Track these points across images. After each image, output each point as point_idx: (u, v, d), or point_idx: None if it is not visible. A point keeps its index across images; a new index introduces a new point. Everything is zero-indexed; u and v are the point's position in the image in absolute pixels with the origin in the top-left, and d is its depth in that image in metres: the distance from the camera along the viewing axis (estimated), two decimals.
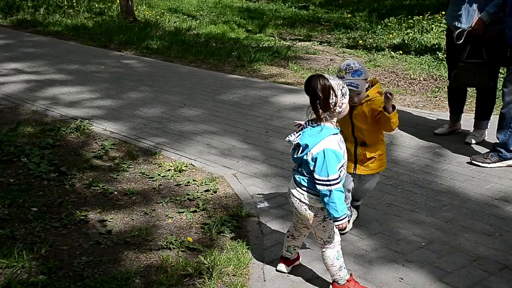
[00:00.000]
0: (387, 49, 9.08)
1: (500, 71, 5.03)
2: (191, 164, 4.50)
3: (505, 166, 4.41)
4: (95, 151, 4.72)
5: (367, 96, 3.19)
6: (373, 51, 9.06)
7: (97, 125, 5.43)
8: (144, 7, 13.11)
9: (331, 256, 2.77)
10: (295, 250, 2.98)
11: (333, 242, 2.77)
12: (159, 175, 4.27)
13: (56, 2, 12.96)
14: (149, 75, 7.57)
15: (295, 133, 2.68)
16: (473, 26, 4.56)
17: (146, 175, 4.28)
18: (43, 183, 4.09)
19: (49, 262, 3.06)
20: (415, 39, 9.50)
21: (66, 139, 5.02)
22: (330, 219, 2.67)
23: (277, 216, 3.65)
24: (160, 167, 4.45)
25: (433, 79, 7.31)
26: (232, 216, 3.62)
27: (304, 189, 2.68)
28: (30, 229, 3.42)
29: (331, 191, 2.55)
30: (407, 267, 3.05)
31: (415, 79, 7.32)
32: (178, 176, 4.27)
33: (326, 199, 2.58)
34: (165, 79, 7.36)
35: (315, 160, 2.57)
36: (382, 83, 7.18)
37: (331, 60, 8.53)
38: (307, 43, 9.97)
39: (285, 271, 2.99)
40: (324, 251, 2.78)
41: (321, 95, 2.51)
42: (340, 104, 2.58)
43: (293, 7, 14.13)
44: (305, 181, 2.67)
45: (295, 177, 2.74)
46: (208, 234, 3.41)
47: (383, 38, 10.08)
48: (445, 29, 9.36)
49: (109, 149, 4.78)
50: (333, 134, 2.60)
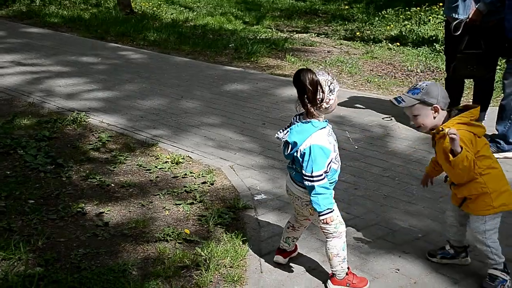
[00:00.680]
0: (385, 41, 9.06)
1: (498, 62, 5.03)
2: (188, 156, 4.50)
3: (502, 157, 4.41)
4: (92, 143, 4.71)
5: (442, 129, 2.66)
6: (371, 43, 9.04)
7: (94, 117, 5.42)
8: None
9: (338, 245, 2.74)
10: (293, 241, 2.99)
11: (340, 232, 2.74)
12: (156, 167, 4.26)
13: None
14: (146, 67, 7.55)
15: (283, 130, 2.67)
16: (471, 16, 4.56)
17: (143, 167, 4.28)
18: (39, 175, 4.08)
19: (46, 254, 3.06)
20: (412, 30, 9.49)
21: (62, 131, 5.01)
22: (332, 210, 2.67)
23: (274, 207, 3.66)
24: (157, 159, 4.44)
25: (430, 71, 7.31)
26: (229, 208, 3.63)
27: (300, 184, 2.69)
28: (27, 221, 3.42)
29: (313, 186, 2.57)
30: (404, 258, 3.07)
31: (412, 71, 7.31)
32: (175, 168, 4.27)
33: (310, 194, 2.61)
34: (162, 71, 7.34)
35: (302, 156, 2.59)
36: (379, 75, 7.18)
37: (328, 52, 8.52)
38: (305, 35, 9.95)
39: (282, 263, 2.99)
40: (330, 240, 2.75)
41: (309, 89, 2.51)
42: (327, 100, 2.56)
43: None
44: (300, 177, 2.66)
45: (291, 174, 2.75)
46: (205, 226, 3.41)
47: (380, 29, 10.06)
48: (442, 21, 9.36)
49: (106, 141, 4.77)
50: (321, 128, 2.60)
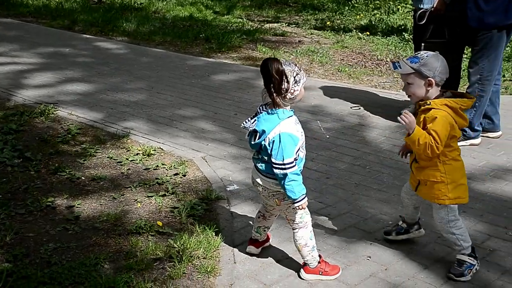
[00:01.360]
0: (355, 30, 9.13)
1: (464, 51, 5.11)
2: (160, 148, 4.46)
3: (469, 145, 4.51)
4: (61, 136, 4.63)
5: (429, 104, 2.67)
6: (341, 32, 9.10)
7: (62, 109, 5.32)
8: None
9: (305, 236, 2.77)
10: (264, 231, 3.00)
11: (306, 222, 2.77)
12: (127, 159, 4.22)
13: None
14: (115, 58, 7.44)
15: (249, 119, 2.67)
16: (435, 6, 4.62)
17: (114, 159, 4.23)
18: (6, 169, 3.99)
19: (15, 249, 3.01)
20: (381, 20, 9.58)
21: (30, 124, 4.91)
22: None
23: (246, 198, 3.66)
24: (128, 151, 4.39)
25: None
26: (201, 199, 3.62)
27: (267, 175, 2.69)
28: None
29: (286, 174, 2.58)
30: (375, 246, 3.11)
31: (382, 60, 7.39)
32: (146, 160, 4.23)
33: (282, 182, 2.61)
34: (132, 62, 7.24)
35: (271, 144, 2.59)
36: (349, 64, 7.23)
37: (299, 41, 8.53)
38: (275, 24, 9.94)
39: (255, 253, 3.00)
40: (296, 232, 2.77)
41: (275, 79, 2.50)
42: (291, 90, 2.56)
43: None
44: (267, 167, 2.66)
45: (257, 165, 2.75)
46: (177, 217, 3.40)
47: (350, 19, 10.12)
48: (410, 10, 9.48)
49: (76, 134, 4.69)
50: (288, 117, 2.61)
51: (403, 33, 8.53)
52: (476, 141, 4.53)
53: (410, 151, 2.93)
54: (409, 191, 3.00)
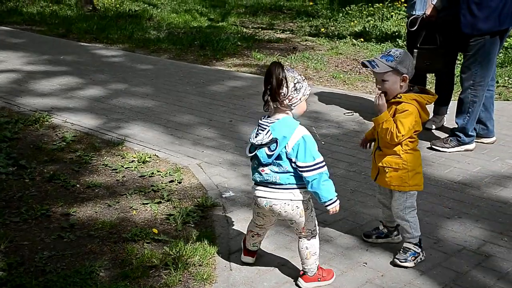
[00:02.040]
0: (349, 37, 9.17)
1: (457, 57, 5.14)
2: (155, 155, 4.45)
3: (463, 150, 4.53)
4: (56, 144, 4.61)
5: (400, 97, 2.85)
6: (335, 39, 9.13)
7: (57, 117, 5.31)
8: None
9: (316, 244, 2.74)
10: (260, 243, 2.97)
11: (317, 228, 2.74)
12: (123, 166, 4.21)
13: None
14: (110, 65, 7.43)
15: (256, 135, 2.58)
16: (427, 12, 4.65)
17: (109, 167, 4.21)
18: (1, 177, 3.97)
19: (9, 258, 2.98)
20: (375, 26, 9.62)
21: (24, 132, 4.89)
22: (313, 208, 2.67)
23: (242, 204, 3.66)
24: (123, 158, 4.38)
25: None
26: (197, 206, 3.61)
27: (292, 186, 2.59)
28: None
29: (321, 173, 2.54)
30: (371, 252, 3.11)
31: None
32: (142, 167, 4.22)
33: (316, 184, 2.54)
34: (127, 69, 7.24)
35: (296, 148, 2.52)
36: (344, 71, 7.26)
37: (294, 48, 8.56)
38: (270, 31, 9.97)
39: (251, 262, 2.97)
40: (309, 240, 2.72)
41: (273, 82, 2.48)
42: (289, 97, 2.52)
43: None
44: (286, 178, 2.57)
45: (274, 181, 2.59)
46: (173, 225, 3.39)
47: (344, 26, 10.17)
48: (404, 17, 9.53)
49: (70, 141, 4.68)
50: (299, 124, 2.58)
51: (397, 40, 8.57)
52: (470, 147, 4.55)
53: (372, 140, 3.09)
54: (382, 191, 3.09)
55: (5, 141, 4.60)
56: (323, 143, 4.71)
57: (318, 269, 2.79)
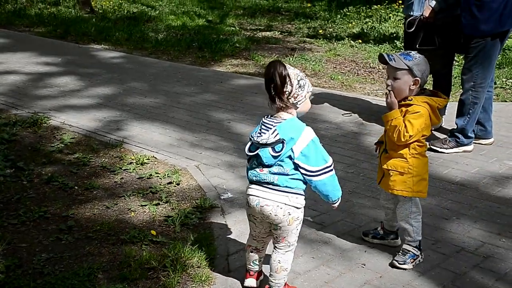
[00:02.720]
0: (347, 38, 9.17)
1: (455, 58, 5.15)
2: (153, 156, 4.45)
3: (461, 151, 4.53)
4: (54, 146, 4.61)
5: (411, 100, 2.82)
6: (333, 40, 9.14)
7: (55, 119, 5.30)
8: None
9: (289, 260, 2.63)
10: (260, 261, 2.77)
11: (295, 245, 2.63)
12: (121, 168, 4.20)
13: None
14: (108, 67, 7.43)
15: (260, 134, 2.48)
16: (425, 14, 4.66)
17: (107, 168, 4.21)
18: None
19: (7, 260, 2.98)
20: (373, 28, 9.63)
21: (22, 134, 4.88)
22: (301, 221, 2.58)
23: (241, 206, 3.65)
24: (121, 160, 4.38)
25: None
26: (195, 208, 3.61)
27: (289, 190, 2.50)
28: None
29: (332, 176, 2.50)
30: (370, 253, 3.11)
31: (374, 68, 7.42)
32: (140, 169, 4.22)
33: (323, 187, 2.50)
34: (125, 70, 7.24)
35: (306, 151, 2.44)
36: (342, 72, 7.26)
37: (292, 49, 8.56)
38: (268, 33, 9.98)
39: (255, 286, 2.76)
40: (283, 254, 2.60)
41: (277, 80, 2.41)
42: (294, 94, 2.46)
43: None
44: (288, 180, 2.48)
45: (272, 181, 2.50)
46: (171, 226, 3.39)
47: (342, 27, 10.18)
48: (402, 18, 9.53)
49: (69, 143, 4.68)
50: (306, 125, 2.51)
51: (395, 41, 8.58)
52: (469, 148, 4.56)
53: (381, 142, 3.07)
54: (385, 196, 3.08)
55: (3, 143, 4.59)
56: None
57: (284, 286, 2.67)
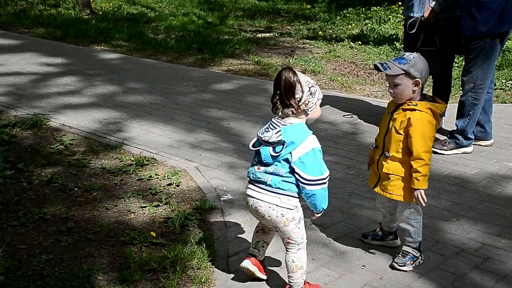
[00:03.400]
0: (347, 40, 9.17)
1: (455, 59, 5.15)
2: (153, 158, 4.45)
3: (461, 153, 4.53)
4: (54, 147, 4.61)
5: (416, 105, 2.80)
6: (333, 42, 9.14)
7: (54, 120, 5.30)
8: None
9: (303, 257, 2.63)
10: (263, 247, 2.82)
11: (305, 242, 2.64)
12: (121, 169, 4.20)
13: None
14: (108, 68, 7.43)
15: (267, 130, 2.51)
16: (425, 15, 4.66)
17: (107, 170, 4.21)
18: None
19: (7, 261, 2.98)
20: (373, 29, 9.64)
21: (22, 136, 4.88)
22: (302, 219, 2.60)
23: (241, 207, 3.65)
24: (121, 161, 4.38)
25: None
26: (195, 209, 3.61)
27: (281, 191, 2.52)
28: None
29: (324, 189, 2.50)
30: (370, 255, 3.11)
31: (374, 69, 7.42)
32: (140, 170, 4.22)
33: (313, 198, 2.51)
34: (125, 72, 7.24)
35: (304, 159, 2.45)
36: (342, 74, 7.27)
37: (292, 51, 8.57)
38: (268, 34, 9.98)
39: (250, 269, 2.78)
40: (295, 253, 2.61)
41: (288, 87, 2.44)
42: (305, 101, 2.48)
43: None
44: (278, 181, 2.51)
45: (265, 181, 2.54)
46: (171, 228, 3.38)
47: (342, 28, 10.18)
48: (401, 19, 9.54)
49: (68, 145, 4.68)
50: (312, 133, 2.53)
51: (395, 42, 8.58)
52: (468, 149, 4.56)
53: (375, 146, 3.05)
54: (381, 200, 3.06)
55: (2, 144, 4.59)
56: (321, 145, 4.71)
57: (305, 284, 2.68)
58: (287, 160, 2.48)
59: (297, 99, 2.48)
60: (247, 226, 3.36)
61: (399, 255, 2.97)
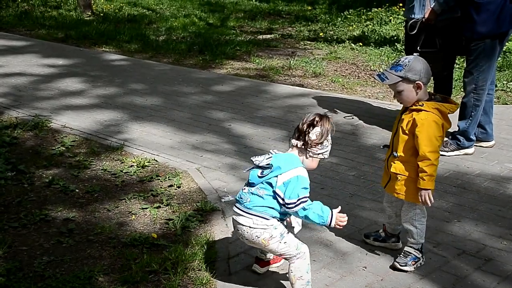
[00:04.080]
0: (348, 41, 9.18)
1: (456, 61, 5.15)
2: (154, 159, 4.45)
3: (462, 154, 4.53)
4: (55, 149, 4.61)
5: (422, 105, 2.80)
6: (334, 43, 9.15)
7: (56, 122, 5.31)
8: (102, 1, 12.85)
9: (302, 267, 2.59)
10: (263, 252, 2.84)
11: (304, 252, 2.60)
12: (122, 171, 4.20)
13: None
14: (109, 70, 7.44)
15: (261, 156, 2.62)
16: (426, 16, 4.66)
17: (108, 171, 4.21)
18: None
19: (8, 263, 2.98)
20: (374, 31, 9.64)
21: (23, 137, 4.89)
22: (287, 233, 2.61)
23: None
24: (122, 163, 4.38)
25: None
26: (196, 210, 3.61)
27: (255, 213, 2.57)
28: None
29: (303, 207, 2.51)
30: (371, 256, 3.11)
31: (375, 71, 7.42)
32: (141, 172, 4.22)
33: (301, 214, 2.53)
34: (126, 73, 7.24)
35: (286, 185, 2.51)
36: (343, 75, 7.27)
37: (292, 53, 8.57)
38: (269, 36, 9.99)
39: (259, 272, 2.87)
40: (293, 262, 2.59)
41: (311, 123, 2.56)
42: (315, 144, 2.57)
43: (253, 0, 14.10)
44: (258, 203, 2.57)
45: (244, 201, 2.61)
46: (172, 229, 3.38)
47: (343, 30, 10.19)
48: (402, 21, 9.54)
49: (70, 146, 4.68)
50: (304, 167, 2.58)
51: (396, 44, 8.59)
52: (470, 151, 4.55)
53: (387, 145, 3.07)
54: (389, 199, 3.07)
55: (4, 146, 4.60)
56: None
57: None
58: (271, 184, 2.55)
59: (315, 142, 2.57)
60: None
61: (401, 255, 2.98)
